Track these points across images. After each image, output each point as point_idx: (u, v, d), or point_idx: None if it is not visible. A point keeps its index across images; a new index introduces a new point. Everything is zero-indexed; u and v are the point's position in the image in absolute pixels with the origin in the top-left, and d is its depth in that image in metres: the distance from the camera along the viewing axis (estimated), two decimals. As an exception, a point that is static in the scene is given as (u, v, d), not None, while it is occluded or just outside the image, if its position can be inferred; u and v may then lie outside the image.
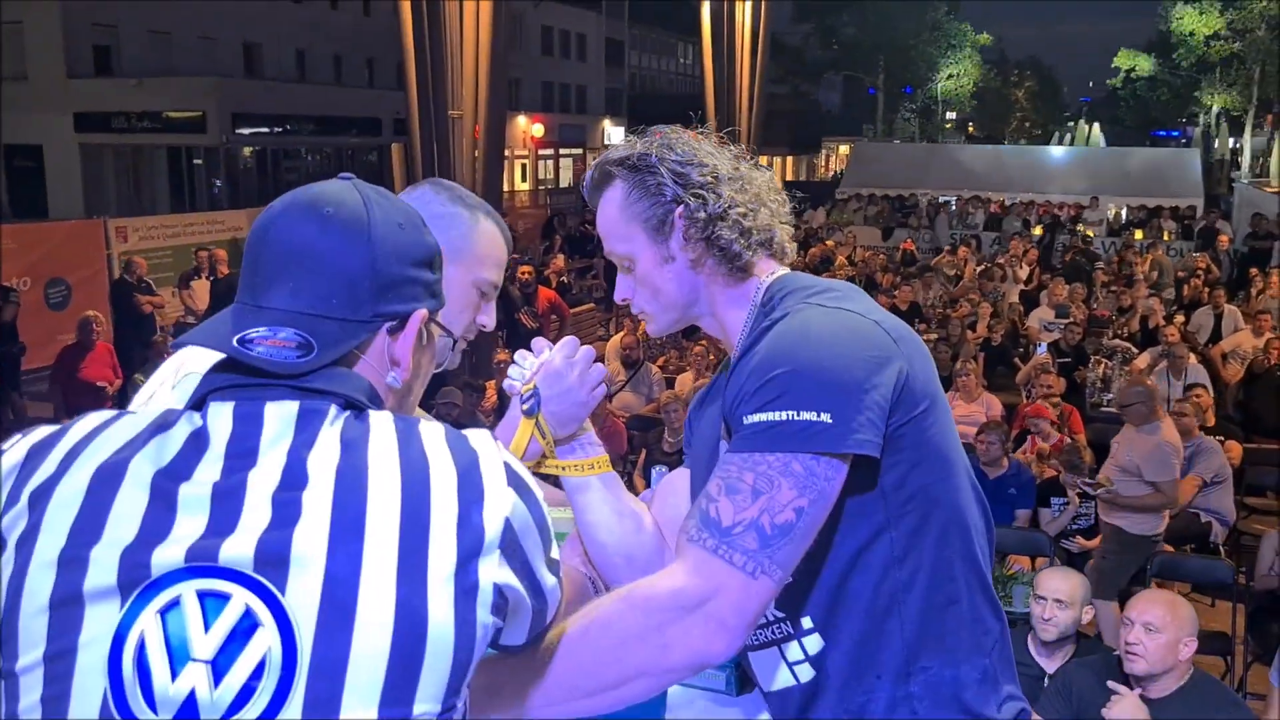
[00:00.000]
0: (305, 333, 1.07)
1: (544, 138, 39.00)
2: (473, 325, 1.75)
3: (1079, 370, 9.05)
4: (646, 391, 8.76)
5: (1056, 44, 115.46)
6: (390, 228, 1.13)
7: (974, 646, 1.52)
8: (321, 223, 1.11)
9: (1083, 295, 11.69)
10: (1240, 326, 10.46)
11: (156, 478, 1.02)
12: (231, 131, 27.79)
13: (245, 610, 0.97)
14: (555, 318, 10.63)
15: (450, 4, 9.33)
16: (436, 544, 1.02)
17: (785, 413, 1.36)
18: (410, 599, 0.99)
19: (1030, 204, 22.60)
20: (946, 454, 1.50)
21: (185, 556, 0.98)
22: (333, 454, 1.03)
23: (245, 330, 1.07)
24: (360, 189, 1.16)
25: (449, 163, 9.43)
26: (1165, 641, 3.28)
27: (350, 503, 1.01)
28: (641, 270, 1.61)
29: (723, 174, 1.56)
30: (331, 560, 0.98)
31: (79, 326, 8.78)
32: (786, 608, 1.52)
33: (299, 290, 1.09)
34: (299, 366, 1.05)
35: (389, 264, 1.12)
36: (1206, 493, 6.48)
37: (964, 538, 1.52)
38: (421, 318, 1.16)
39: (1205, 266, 14.06)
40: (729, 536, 1.33)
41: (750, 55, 22.06)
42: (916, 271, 14.29)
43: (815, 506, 1.36)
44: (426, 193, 1.73)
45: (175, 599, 0.97)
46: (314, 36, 32.52)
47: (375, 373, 1.14)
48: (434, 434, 1.09)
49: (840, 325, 1.43)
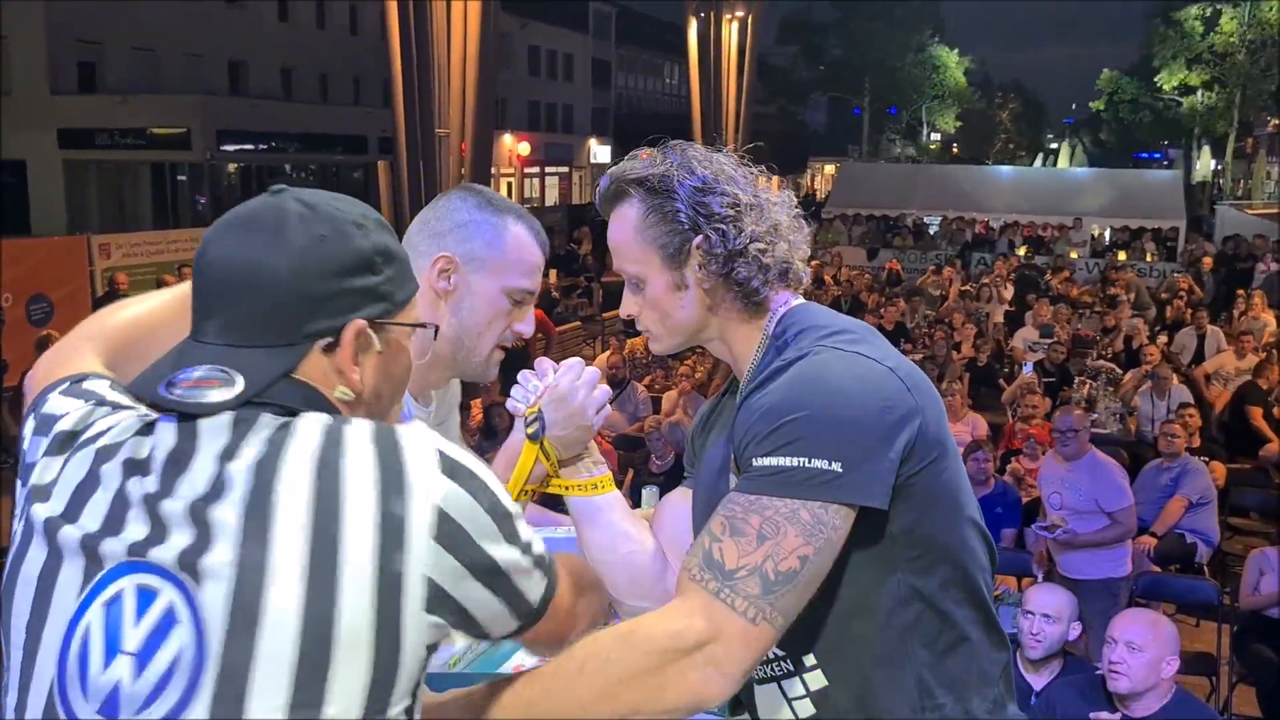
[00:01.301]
0: (229, 367, 1.06)
1: (530, 156, 39.04)
2: (508, 333, 1.72)
3: (1064, 390, 9.08)
4: (632, 410, 8.75)
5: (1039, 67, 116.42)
6: (311, 241, 1.09)
7: (982, 678, 1.51)
8: (241, 248, 1.09)
9: (1066, 316, 11.74)
10: (1223, 347, 10.50)
11: (125, 475, 1.06)
12: (216, 148, 27.73)
13: (169, 606, 0.99)
14: (541, 335, 10.61)
15: (438, 23, 9.35)
16: (351, 540, 0.99)
17: (796, 459, 1.35)
18: (317, 599, 0.98)
19: (1015, 224, 22.72)
20: (956, 497, 1.49)
21: (127, 551, 1.02)
22: (251, 458, 1.03)
23: (172, 374, 1.07)
24: (284, 205, 1.12)
25: (435, 181, 9.44)
26: (1148, 660, 3.30)
27: (260, 505, 1.00)
28: (652, 293, 1.58)
29: (744, 202, 1.53)
30: (240, 564, 0.99)
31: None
32: (788, 646, 1.50)
33: (227, 323, 1.09)
34: (217, 408, 1.05)
35: (311, 282, 1.09)
36: (1192, 514, 6.48)
37: (970, 577, 1.51)
38: (357, 329, 1.12)
39: (1188, 288, 14.14)
40: (732, 580, 1.32)
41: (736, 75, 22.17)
42: (902, 292, 14.33)
43: (820, 555, 1.34)
44: (454, 200, 1.71)
45: (119, 593, 1.01)
46: (300, 54, 32.52)
47: (321, 388, 1.12)
48: (359, 431, 1.06)
49: (856, 372, 1.41)
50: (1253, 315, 12.00)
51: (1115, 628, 3.42)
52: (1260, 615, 5.30)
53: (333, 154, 31.83)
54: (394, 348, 1.18)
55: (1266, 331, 11.36)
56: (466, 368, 1.72)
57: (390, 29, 9.34)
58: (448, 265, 1.66)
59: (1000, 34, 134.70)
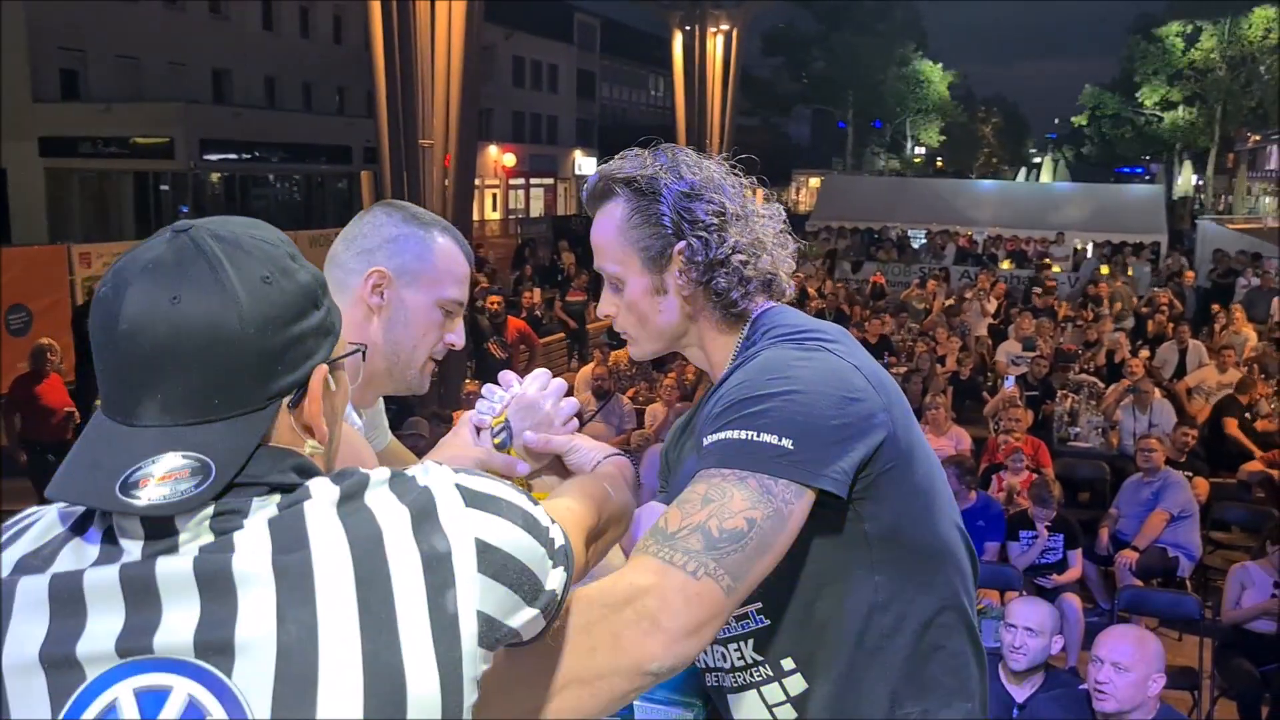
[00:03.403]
0: (196, 451, 0.90)
1: (515, 167, 39.06)
2: (440, 346, 1.71)
3: (1046, 404, 9.10)
4: (617, 422, 8.72)
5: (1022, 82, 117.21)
6: (255, 288, 0.94)
7: (958, 690, 1.50)
8: (172, 315, 0.91)
9: (1050, 329, 11.78)
10: (1204, 362, 10.55)
11: (56, 582, 0.90)
12: (199, 158, 27.59)
13: (189, 701, 0.87)
14: (524, 348, 10.58)
15: (422, 33, 9.33)
16: (402, 588, 0.91)
17: (746, 433, 1.34)
18: (380, 653, 0.89)
19: (998, 238, 22.83)
20: (931, 497, 1.48)
21: (116, 650, 0.87)
22: (262, 531, 0.91)
23: (126, 471, 0.89)
24: (203, 246, 0.95)
25: (419, 191, 9.41)
26: (1134, 679, 3.28)
27: (293, 569, 0.89)
28: (630, 295, 1.57)
29: (729, 212, 1.52)
30: (282, 632, 0.87)
31: (33, 354, 8.55)
32: (766, 651, 1.48)
33: (171, 401, 0.91)
34: (202, 496, 0.89)
35: (268, 335, 0.94)
36: (1173, 527, 6.50)
37: (949, 582, 1.50)
38: (321, 374, 1.00)
39: (1168, 302, 14.21)
40: (671, 539, 1.28)
41: (721, 88, 22.25)
42: (887, 305, 14.36)
43: (769, 522, 1.30)
44: (379, 216, 1.71)
45: (112, 704, 0.87)
46: (284, 64, 32.44)
47: (295, 449, 1.00)
48: (377, 479, 0.98)
49: (818, 364, 1.41)
50: (1234, 329, 12.07)
51: (1101, 646, 3.38)
52: (1242, 629, 5.31)
53: (317, 164, 31.74)
54: (339, 382, 1.07)
55: (1247, 346, 11.43)
56: (400, 383, 1.71)
57: (374, 38, 9.32)
58: (381, 280, 1.65)
59: (983, 49, 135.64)
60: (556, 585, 1.05)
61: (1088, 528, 6.70)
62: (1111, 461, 8.02)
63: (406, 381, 1.71)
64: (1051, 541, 6.14)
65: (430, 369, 1.72)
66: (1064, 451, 8.26)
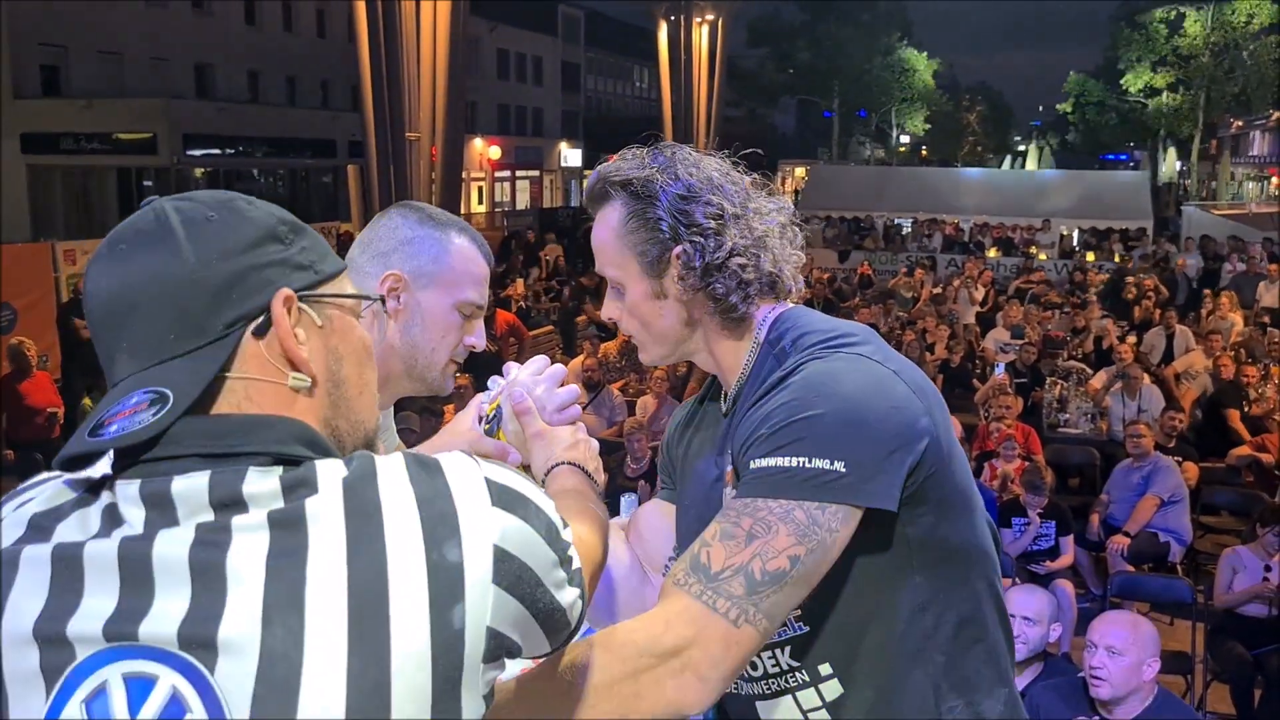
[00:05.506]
0: (156, 386, 0.91)
1: (501, 160, 38.93)
2: (461, 348, 1.69)
3: (1035, 391, 9.12)
4: (608, 414, 8.71)
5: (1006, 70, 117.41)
6: (197, 226, 0.96)
7: (998, 678, 1.49)
8: (122, 264, 0.95)
9: (1037, 316, 11.81)
10: (1192, 347, 10.60)
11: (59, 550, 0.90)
12: (183, 153, 27.42)
13: (172, 694, 0.85)
14: (513, 340, 10.56)
15: (407, 27, 9.30)
16: (399, 599, 0.87)
17: (796, 459, 1.31)
18: (366, 671, 0.85)
19: (985, 226, 22.88)
20: (968, 498, 1.47)
21: (104, 634, 0.86)
22: (261, 525, 0.88)
23: (98, 417, 0.91)
24: (157, 205, 0.99)
25: (406, 185, 9.38)
26: (1128, 664, 3.28)
27: (285, 571, 0.86)
28: (631, 300, 1.54)
29: (729, 212, 1.48)
30: (267, 635, 0.85)
31: (9, 354, 8.48)
32: (803, 657, 1.46)
33: (135, 348, 0.94)
34: (159, 424, 0.88)
35: (212, 264, 0.94)
36: (1164, 512, 6.52)
37: (986, 575, 1.49)
38: (285, 298, 0.97)
39: (1154, 287, 14.26)
40: (716, 582, 1.28)
41: (707, 79, 22.22)
42: (876, 295, 14.38)
43: (812, 556, 1.30)
44: (395, 218, 1.67)
45: (101, 685, 0.86)
46: (267, 58, 32.27)
47: (274, 392, 0.96)
48: (392, 470, 0.92)
49: (863, 376, 1.37)
50: (1220, 315, 12.12)
51: (1095, 632, 3.38)
52: (1233, 613, 5.34)
53: (301, 158, 31.60)
54: (338, 324, 1.03)
55: (1234, 331, 11.48)
56: (421, 384, 1.69)
57: (359, 32, 9.29)
58: (396, 284, 1.62)
59: (967, 37, 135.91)
60: (568, 605, 1.01)
61: (1078, 513, 6.73)
62: (1101, 447, 8.05)
63: (428, 383, 1.68)
64: (1044, 528, 6.16)
65: (452, 370, 1.69)
66: (1054, 438, 8.30)
